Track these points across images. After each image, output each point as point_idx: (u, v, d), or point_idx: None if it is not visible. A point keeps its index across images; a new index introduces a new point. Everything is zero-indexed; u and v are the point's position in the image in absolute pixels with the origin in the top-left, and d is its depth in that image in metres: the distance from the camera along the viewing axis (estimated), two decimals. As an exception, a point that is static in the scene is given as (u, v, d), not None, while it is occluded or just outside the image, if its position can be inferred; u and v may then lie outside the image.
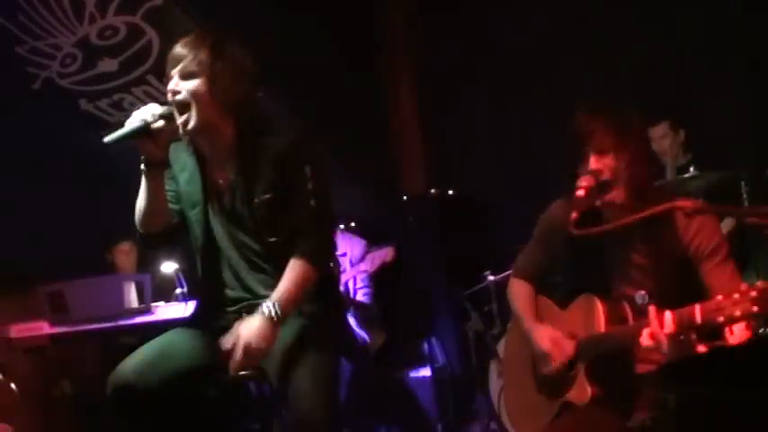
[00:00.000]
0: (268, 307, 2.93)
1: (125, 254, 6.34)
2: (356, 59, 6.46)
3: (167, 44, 5.85)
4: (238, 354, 2.89)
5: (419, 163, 6.76)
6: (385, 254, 5.35)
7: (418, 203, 6.36)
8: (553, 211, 3.16)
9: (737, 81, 5.45)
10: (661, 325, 2.64)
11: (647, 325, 2.68)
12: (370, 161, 6.50)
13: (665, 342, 2.63)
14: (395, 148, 6.80)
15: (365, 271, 5.38)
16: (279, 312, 2.93)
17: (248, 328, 2.91)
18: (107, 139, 2.93)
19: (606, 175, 2.87)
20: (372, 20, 6.70)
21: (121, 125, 2.96)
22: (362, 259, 5.39)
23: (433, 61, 6.65)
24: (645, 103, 4.91)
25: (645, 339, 2.68)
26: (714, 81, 5.42)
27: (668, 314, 2.65)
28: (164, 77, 3.06)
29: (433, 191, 6.40)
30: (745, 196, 4.62)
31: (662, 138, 5.14)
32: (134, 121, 2.97)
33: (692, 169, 4.62)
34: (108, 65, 6.09)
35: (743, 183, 4.64)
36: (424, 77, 6.73)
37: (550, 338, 3.05)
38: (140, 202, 3.10)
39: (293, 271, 3.01)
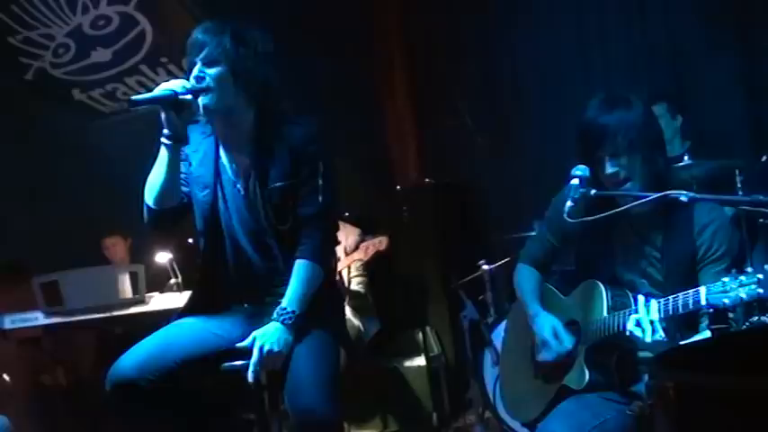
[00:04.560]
0: (282, 313, 3.00)
1: (112, 247, 6.33)
2: (350, 48, 6.45)
3: (160, 34, 5.90)
4: (258, 360, 2.95)
5: (413, 152, 6.75)
6: (378, 243, 5.36)
7: (413, 193, 6.35)
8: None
9: (734, 71, 5.44)
10: (646, 313, 2.68)
11: (635, 312, 2.73)
12: (365, 151, 6.49)
13: (649, 329, 2.66)
14: (389, 137, 6.79)
15: (359, 260, 5.39)
16: (293, 317, 3.01)
17: (266, 336, 2.98)
18: (135, 97, 2.97)
19: (623, 175, 2.87)
20: (367, 7, 6.67)
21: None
22: (356, 248, 5.39)
23: (427, 48, 6.64)
24: (641, 89, 4.88)
25: (630, 325, 2.71)
26: (710, 71, 5.42)
27: (653, 302, 2.69)
28: (156, 67, 3.08)
29: (427, 180, 6.40)
30: (739, 185, 4.62)
31: (658, 118, 5.12)
32: (163, 89, 2.99)
33: (686, 158, 4.61)
34: (101, 55, 6.07)
35: (737, 171, 4.64)
36: (418, 67, 6.71)
37: (552, 328, 3.06)
38: (156, 178, 3.10)
39: (300, 272, 3.06)
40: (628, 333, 2.74)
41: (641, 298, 2.75)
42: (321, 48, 6.23)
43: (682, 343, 2.77)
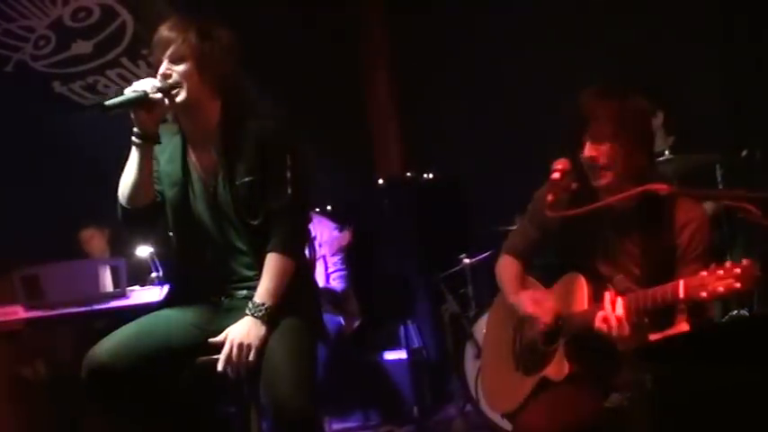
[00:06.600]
0: (254, 307, 3.00)
1: (88, 240, 6.30)
2: (332, 44, 6.45)
3: (141, 26, 5.88)
4: (232, 355, 2.95)
5: (395, 146, 6.76)
6: (341, 238, 5.34)
7: (394, 187, 6.36)
8: None
9: (712, 64, 5.47)
10: (613, 309, 2.70)
11: (602, 308, 2.74)
12: (346, 145, 6.49)
13: (615, 326, 2.68)
14: (371, 131, 6.79)
15: (323, 256, 5.37)
16: (265, 311, 3.00)
17: (238, 330, 2.99)
18: (107, 103, 2.95)
19: (601, 161, 2.87)
20: (348, 4, 6.68)
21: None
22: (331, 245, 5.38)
23: (409, 45, 6.64)
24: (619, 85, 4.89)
25: (598, 322, 2.73)
26: (688, 65, 5.44)
27: (620, 299, 2.71)
28: (137, 60, 3.07)
29: (408, 174, 6.41)
30: (719, 179, 4.65)
31: None
32: (134, 90, 2.99)
33: (666, 153, 4.63)
34: (82, 47, 6.04)
35: (717, 166, 4.66)
36: (400, 61, 6.72)
37: (532, 299, 3.07)
38: (128, 177, 3.09)
39: (271, 266, 3.05)
40: (596, 329, 2.76)
41: (607, 295, 2.78)
42: (304, 41, 6.22)
43: (660, 336, 2.79)
